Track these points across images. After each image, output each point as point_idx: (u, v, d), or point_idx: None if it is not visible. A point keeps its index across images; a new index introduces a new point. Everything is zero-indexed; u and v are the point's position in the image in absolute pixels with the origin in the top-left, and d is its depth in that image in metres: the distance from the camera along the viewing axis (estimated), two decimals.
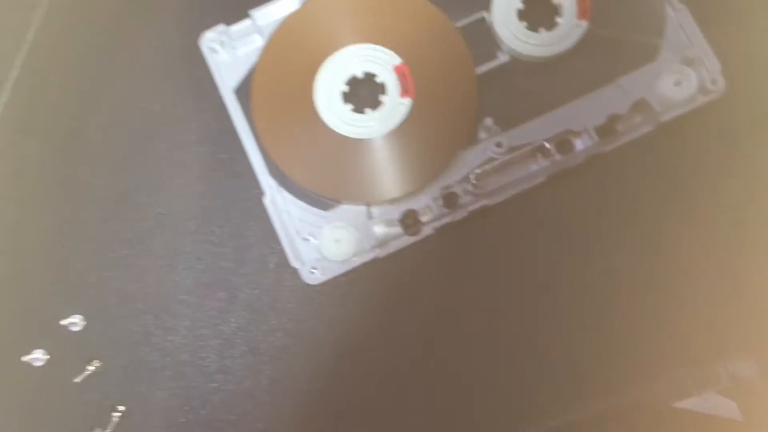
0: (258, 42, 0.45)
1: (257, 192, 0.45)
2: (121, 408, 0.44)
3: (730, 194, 0.44)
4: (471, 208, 0.44)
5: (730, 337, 0.42)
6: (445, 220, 0.44)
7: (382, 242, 0.44)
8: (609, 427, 0.42)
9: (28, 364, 0.45)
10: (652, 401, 0.42)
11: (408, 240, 0.44)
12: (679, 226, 0.44)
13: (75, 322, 0.45)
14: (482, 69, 0.45)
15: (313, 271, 0.43)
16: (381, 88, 0.45)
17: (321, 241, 0.43)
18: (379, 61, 0.45)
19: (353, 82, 0.45)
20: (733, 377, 0.41)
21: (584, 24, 0.44)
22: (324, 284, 0.44)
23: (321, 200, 0.44)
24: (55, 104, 0.48)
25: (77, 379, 0.45)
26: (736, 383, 0.41)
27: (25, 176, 0.47)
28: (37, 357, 0.45)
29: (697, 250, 0.44)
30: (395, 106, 0.44)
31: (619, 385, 0.42)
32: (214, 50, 0.45)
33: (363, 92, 0.45)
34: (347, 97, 0.45)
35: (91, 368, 0.44)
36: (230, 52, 0.45)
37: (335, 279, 0.44)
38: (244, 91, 0.45)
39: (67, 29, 0.48)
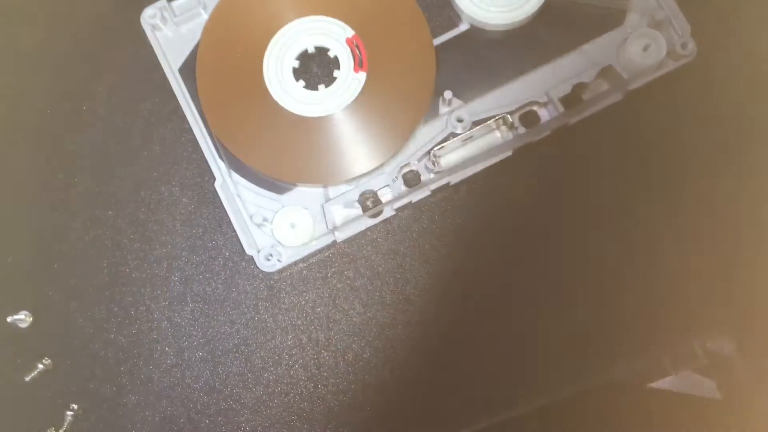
0: (203, 17, 0.43)
1: (208, 177, 0.43)
2: (74, 406, 0.42)
3: (704, 164, 0.42)
4: (433, 186, 0.42)
5: (707, 314, 0.41)
6: (406, 199, 0.42)
7: (341, 225, 0.42)
8: (585, 408, 0.40)
9: None
10: (628, 382, 0.40)
11: (368, 222, 0.42)
12: (651, 200, 0.42)
13: (22, 318, 0.43)
14: (440, 39, 0.42)
15: (269, 258, 0.41)
16: (334, 63, 0.42)
17: (276, 227, 0.41)
18: (330, 33, 0.42)
19: (304, 57, 0.43)
20: (711, 355, 0.40)
21: None
22: (281, 271, 0.42)
23: (275, 183, 0.42)
24: None
25: (27, 378, 0.43)
26: (713, 361, 0.40)
27: None
28: None
29: (671, 226, 0.42)
30: (349, 81, 0.42)
31: (595, 367, 0.41)
32: (156, 27, 0.43)
33: (315, 68, 0.43)
34: (298, 74, 0.42)
35: (41, 366, 0.43)
36: (173, 29, 0.43)
37: (293, 265, 0.42)
38: (189, 70, 0.42)
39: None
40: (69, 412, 0.42)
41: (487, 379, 0.42)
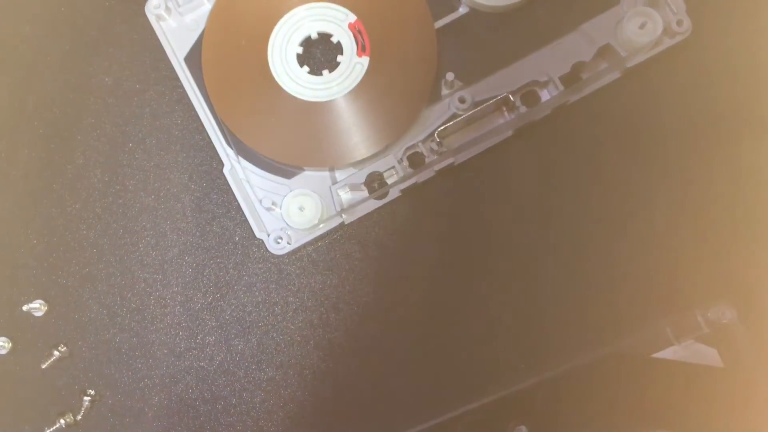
0: (206, 6, 0.43)
1: (216, 163, 0.44)
2: (91, 391, 0.43)
3: (702, 139, 0.43)
4: (437, 167, 0.43)
5: (708, 283, 0.42)
6: (412, 180, 0.43)
7: (348, 207, 0.42)
8: (588, 381, 0.41)
9: None
10: (631, 353, 0.41)
11: (375, 203, 0.43)
12: (650, 175, 0.43)
13: (37, 307, 0.44)
14: (441, 23, 0.43)
15: (279, 241, 0.42)
16: (337, 48, 0.43)
17: (285, 210, 0.42)
18: (333, 19, 0.43)
19: (308, 43, 0.43)
20: (712, 324, 0.40)
21: None
22: (291, 254, 0.43)
23: (282, 168, 0.43)
24: None
25: (44, 365, 0.43)
26: (715, 330, 0.40)
27: None
28: (1, 345, 0.43)
29: (670, 198, 0.43)
30: (353, 65, 0.43)
31: (597, 338, 0.42)
32: (160, 17, 0.43)
33: (318, 53, 0.44)
34: (302, 60, 0.43)
35: (57, 353, 0.43)
36: (177, 19, 0.43)
37: (302, 248, 0.43)
38: (195, 58, 0.43)
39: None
40: (86, 398, 0.43)
41: (494, 353, 0.43)
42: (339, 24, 0.43)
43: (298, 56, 0.43)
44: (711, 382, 0.41)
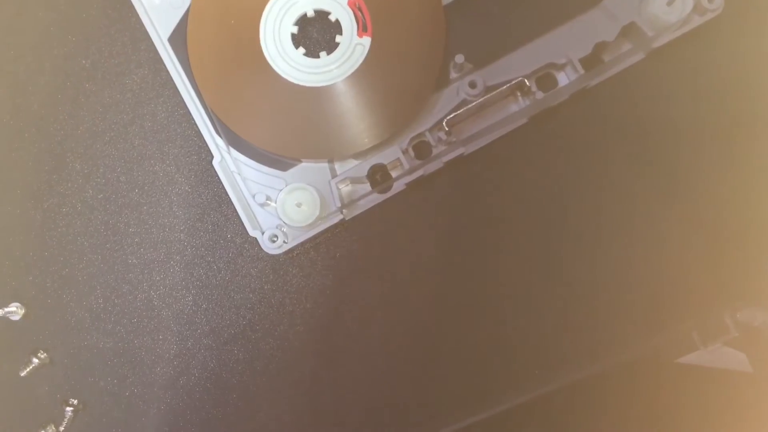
0: None
1: (206, 154, 0.41)
2: (74, 401, 0.40)
3: (733, 125, 0.40)
4: (445, 158, 0.39)
5: (737, 284, 0.39)
6: (418, 173, 0.39)
7: (349, 202, 0.39)
8: (611, 387, 0.39)
9: None
10: (656, 358, 0.38)
11: (377, 198, 0.40)
12: (676, 166, 0.40)
13: (13, 310, 0.40)
14: None
15: (274, 239, 0.39)
16: (335, 27, 0.39)
17: (280, 206, 0.39)
18: None
19: (303, 21, 0.40)
20: (742, 326, 0.38)
21: None
22: (287, 253, 0.40)
23: (278, 159, 0.39)
24: None
25: (23, 373, 0.40)
26: (745, 333, 0.38)
27: None
28: None
29: (699, 193, 0.40)
30: (353, 46, 0.39)
31: (621, 343, 0.39)
32: None
33: (315, 33, 0.40)
34: (298, 40, 0.40)
35: (36, 360, 0.40)
36: None
37: (299, 246, 0.40)
38: (180, 39, 0.39)
39: None
40: (68, 408, 0.40)
41: (506, 357, 0.40)
42: (338, 1, 0.39)
43: (293, 36, 0.39)
44: (739, 387, 0.38)
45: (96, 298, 0.41)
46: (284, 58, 0.39)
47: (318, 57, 0.39)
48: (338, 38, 0.39)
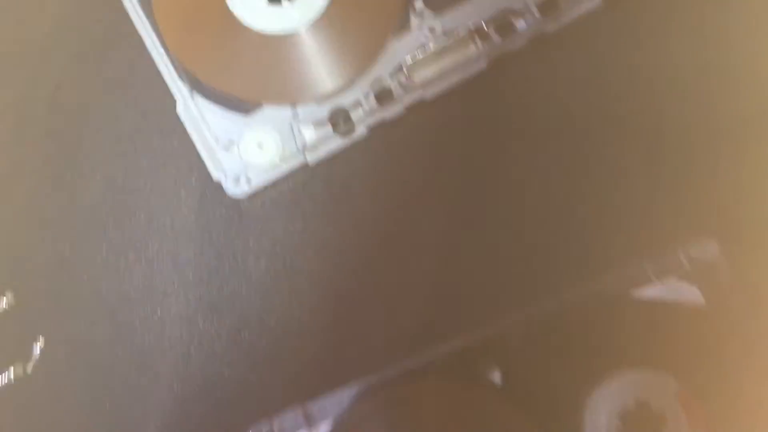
0: None
1: (169, 101, 0.41)
2: (42, 339, 0.40)
3: (696, 74, 0.41)
4: (406, 102, 0.40)
5: (689, 218, 0.40)
6: (379, 116, 0.40)
7: (312, 146, 0.40)
8: (566, 320, 0.40)
9: None
10: (610, 291, 0.39)
11: (339, 141, 0.40)
12: (634, 108, 0.41)
13: None
14: None
15: (238, 181, 0.39)
16: None
17: (243, 148, 0.39)
18: None
19: None
20: (694, 260, 0.39)
21: None
22: (251, 196, 0.41)
23: (241, 104, 0.40)
24: None
25: None
26: (696, 266, 0.39)
27: None
28: None
29: (652, 132, 0.41)
30: None
31: (574, 277, 0.40)
32: None
33: None
34: None
35: (3, 303, 0.41)
36: None
37: (264, 190, 0.41)
38: None
39: None
40: (36, 345, 0.40)
41: (469, 294, 0.41)
42: None
43: None
44: (692, 320, 0.39)
45: (63, 243, 0.41)
46: (246, 4, 0.40)
47: (280, 4, 0.40)
48: None
